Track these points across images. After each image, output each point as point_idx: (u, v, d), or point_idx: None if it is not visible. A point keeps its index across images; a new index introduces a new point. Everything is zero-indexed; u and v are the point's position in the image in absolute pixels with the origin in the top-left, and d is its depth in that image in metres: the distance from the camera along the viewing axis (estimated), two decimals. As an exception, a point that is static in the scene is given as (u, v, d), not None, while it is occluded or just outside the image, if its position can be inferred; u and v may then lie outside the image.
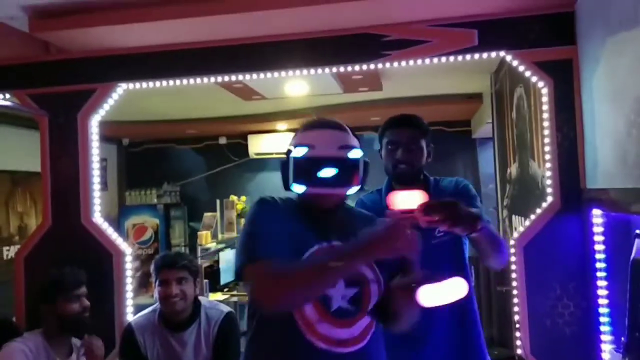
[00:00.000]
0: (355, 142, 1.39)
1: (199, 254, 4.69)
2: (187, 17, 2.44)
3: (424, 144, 1.86)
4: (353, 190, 1.36)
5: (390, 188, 1.93)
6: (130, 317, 2.75)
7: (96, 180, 2.83)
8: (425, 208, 1.19)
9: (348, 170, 1.32)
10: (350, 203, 1.56)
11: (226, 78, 2.74)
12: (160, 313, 2.27)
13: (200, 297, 2.32)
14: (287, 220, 1.34)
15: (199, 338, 2.22)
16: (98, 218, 2.81)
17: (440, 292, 1.16)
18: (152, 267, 2.30)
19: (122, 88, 2.80)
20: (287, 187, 1.36)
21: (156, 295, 2.25)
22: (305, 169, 1.31)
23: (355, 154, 1.33)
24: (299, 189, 1.34)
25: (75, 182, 2.78)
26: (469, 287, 1.73)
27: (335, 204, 1.38)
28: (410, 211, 1.18)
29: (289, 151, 1.36)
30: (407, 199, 1.18)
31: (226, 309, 2.35)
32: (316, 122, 1.39)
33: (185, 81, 2.75)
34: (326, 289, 1.27)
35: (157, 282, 2.25)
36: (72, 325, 2.24)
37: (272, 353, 1.32)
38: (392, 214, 1.18)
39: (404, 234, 1.14)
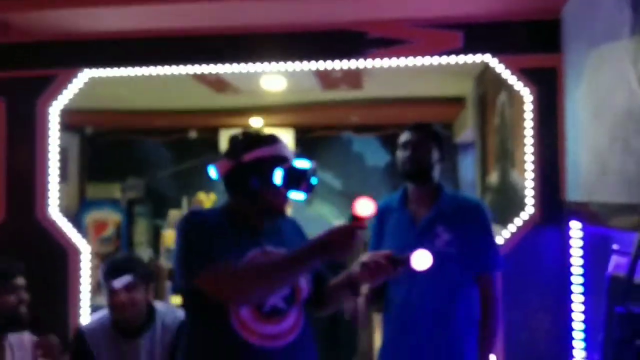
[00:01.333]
0: None
1: (162, 254, 4.52)
2: (160, 3, 2.30)
3: (433, 147, 1.97)
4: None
5: (405, 192, 2.04)
6: (85, 318, 2.59)
7: (54, 172, 2.65)
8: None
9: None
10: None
11: (198, 69, 2.60)
12: (112, 320, 2.13)
13: (155, 302, 2.19)
14: (220, 228, 1.45)
15: (154, 344, 2.09)
16: (54, 213, 2.63)
17: (423, 259, 1.42)
18: (99, 274, 2.14)
19: (85, 75, 2.62)
20: (261, 187, 1.46)
21: (106, 302, 2.10)
22: (300, 178, 1.47)
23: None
24: (297, 195, 1.49)
25: (31, 174, 2.59)
26: (471, 306, 1.86)
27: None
28: (363, 218, 1.35)
29: (275, 160, 1.47)
30: (366, 207, 1.35)
31: (182, 314, 2.23)
32: (273, 136, 1.54)
33: (154, 70, 2.60)
34: (289, 283, 1.44)
35: (105, 290, 2.09)
36: (6, 319, 2.05)
37: (209, 352, 1.43)
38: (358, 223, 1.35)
39: (355, 239, 1.32)
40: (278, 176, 1.46)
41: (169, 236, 4.73)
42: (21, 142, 2.60)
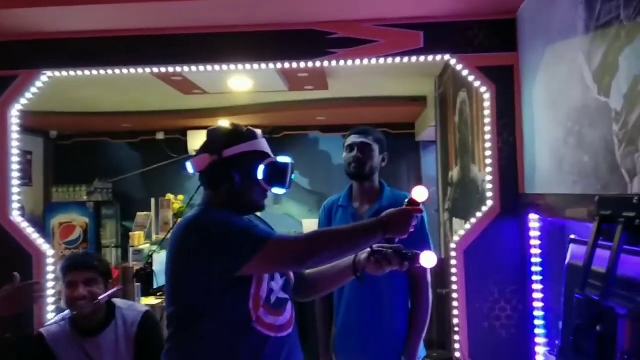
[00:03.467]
0: None
1: (130, 255, 4.46)
2: (123, 2, 2.28)
3: (376, 149, 2.17)
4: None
5: (350, 190, 2.24)
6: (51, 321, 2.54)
7: (15, 175, 2.59)
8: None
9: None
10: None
11: (162, 69, 2.59)
12: (71, 319, 2.09)
13: (114, 299, 2.17)
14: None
15: (117, 341, 2.07)
16: (17, 216, 2.58)
17: (431, 259, 1.51)
18: (58, 269, 2.14)
19: (46, 76, 2.58)
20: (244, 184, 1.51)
21: (63, 299, 2.08)
22: (282, 173, 1.54)
23: None
24: (278, 191, 1.56)
25: (-8, 177, 2.53)
26: (404, 292, 2.15)
27: None
28: (419, 203, 1.49)
29: (256, 155, 1.52)
30: (422, 193, 1.50)
31: (143, 308, 2.23)
32: (252, 131, 1.59)
33: (117, 71, 2.57)
34: (349, 254, 1.52)
35: (64, 285, 2.08)
36: None
37: (231, 349, 1.45)
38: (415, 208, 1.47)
39: (412, 221, 1.44)
40: (261, 171, 1.50)
41: (138, 238, 4.66)
42: (-20, 144, 2.54)
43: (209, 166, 1.49)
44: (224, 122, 5.70)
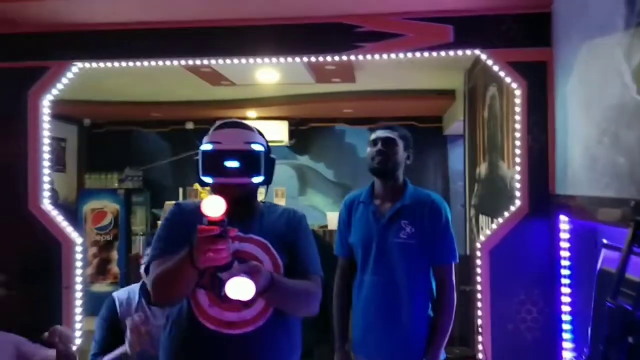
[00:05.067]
0: (260, 139, 1.54)
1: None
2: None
3: (401, 145, 2.09)
4: (257, 180, 1.48)
5: (372, 187, 2.15)
6: (79, 310, 2.61)
7: (47, 164, 2.65)
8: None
9: (251, 162, 1.45)
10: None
11: (190, 62, 2.60)
12: (142, 287, 2.12)
13: None
14: (192, 218, 1.36)
15: None
16: (47, 204, 2.64)
17: (237, 289, 1.24)
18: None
19: (77, 67, 2.62)
20: (198, 180, 1.48)
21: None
22: (213, 162, 1.43)
23: (258, 147, 1.48)
24: (207, 180, 1.47)
25: (24, 166, 2.60)
26: (425, 293, 2.04)
27: (241, 195, 1.47)
28: (217, 220, 1.21)
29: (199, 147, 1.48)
30: (213, 206, 1.20)
31: None
32: (225, 122, 1.53)
33: (146, 63, 2.59)
34: (184, 287, 1.38)
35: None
36: None
37: (172, 336, 1.49)
38: (201, 227, 1.23)
39: (208, 249, 1.22)
40: (199, 162, 1.46)
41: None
42: (13, 133, 2.60)
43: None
44: (252, 113, 5.73)
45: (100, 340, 2.08)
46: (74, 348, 2.15)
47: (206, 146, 1.45)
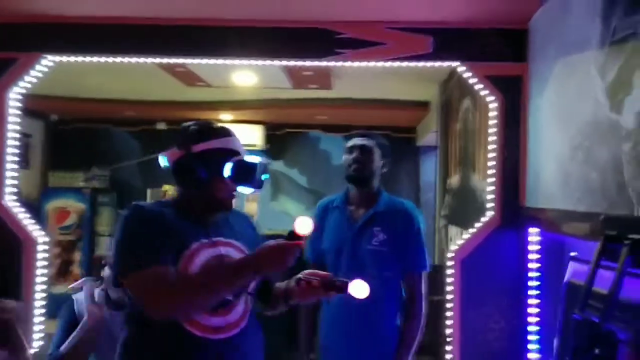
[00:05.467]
0: None
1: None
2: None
3: (377, 153, 2.10)
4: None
5: (347, 192, 2.16)
6: (38, 312, 2.51)
7: (11, 158, 2.55)
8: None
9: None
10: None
11: (165, 60, 2.56)
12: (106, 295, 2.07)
13: None
14: (166, 221, 1.43)
15: None
16: (10, 201, 2.54)
17: (361, 288, 1.43)
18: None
19: (47, 60, 2.54)
20: (202, 179, 1.46)
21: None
22: (251, 174, 1.48)
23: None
24: (244, 190, 1.51)
25: (-13, 160, 2.49)
26: (395, 301, 2.07)
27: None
28: (302, 236, 1.37)
29: (226, 153, 1.48)
30: (305, 225, 1.37)
31: None
32: (225, 128, 1.55)
33: (119, 59, 2.53)
34: (216, 301, 1.41)
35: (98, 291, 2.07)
36: None
37: (153, 345, 1.42)
38: (295, 243, 1.37)
39: (291, 258, 1.34)
40: (227, 169, 1.46)
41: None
42: (-23, 126, 2.50)
43: (177, 160, 1.48)
44: (226, 116, 5.68)
45: (58, 341, 2.01)
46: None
47: (254, 158, 1.51)
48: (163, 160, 1.51)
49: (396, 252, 2.01)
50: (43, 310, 2.53)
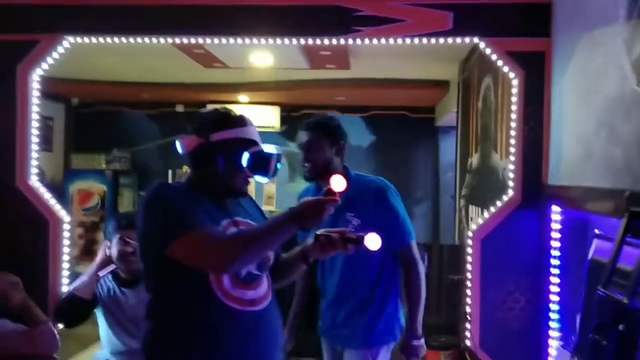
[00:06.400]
0: None
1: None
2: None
3: (326, 143, 2.01)
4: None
5: (317, 186, 2.09)
6: (65, 288, 2.57)
7: (35, 140, 2.60)
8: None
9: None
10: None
11: (184, 40, 2.55)
12: (113, 272, 2.27)
13: None
14: (191, 200, 1.49)
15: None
16: (35, 181, 2.59)
17: (375, 240, 1.49)
18: (112, 225, 2.28)
19: (68, 42, 2.56)
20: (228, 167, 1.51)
21: (111, 252, 2.23)
22: (267, 164, 1.54)
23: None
24: (260, 179, 1.56)
25: (11, 141, 2.54)
26: (387, 279, 2.06)
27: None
28: (336, 193, 1.44)
29: (243, 143, 1.52)
30: (339, 183, 1.44)
31: None
32: (243, 117, 1.57)
33: (139, 39, 2.54)
34: (268, 251, 1.53)
35: (116, 240, 2.22)
36: None
37: (193, 320, 1.47)
38: (330, 198, 1.43)
39: (326, 211, 1.41)
40: (245, 159, 1.51)
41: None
42: (1, 108, 2.54)
43: (196, 148, 1.51)
44: (244, 98, 5.68)
45: None
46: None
47: (270, 148, 1.55)
48: (179, 147, 1.54)
49: (368, 222, 1.92)
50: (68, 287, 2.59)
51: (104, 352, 2.35)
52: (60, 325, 2.32)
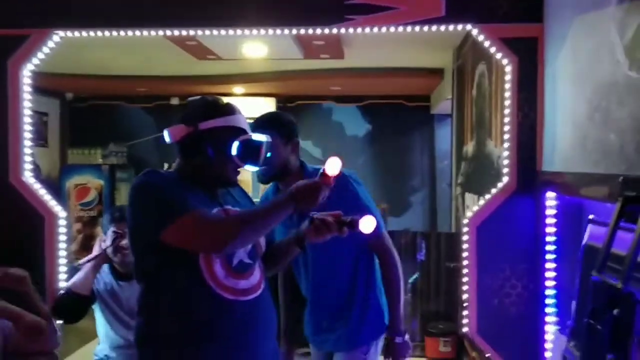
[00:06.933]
0: None
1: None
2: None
3: (280, 141, 1.86)
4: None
5: (276, 187, 2.02)
6: (63, 284, 2.58)
7: (28, 135, 2.58)
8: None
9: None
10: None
11: (176, 32, 2.53)
12: (111, 265, 2.32)
13: None
14: (183, 184, 1.49)
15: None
16: (29, 177, 2.58)
17: (370, 223, 1.50)
18: (106, 218, 2.30)
19: (58, 36, 2.54)
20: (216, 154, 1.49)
21: (105, 244, 2.25)
22: (256, 152, 1.53)
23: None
24: (250, 168, 1.56)
25: (4, 137, 2.52)
26: (364, 273, 1.96)
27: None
28: (330, 176, 1.45)
29: (232, 131, 1.50)
30: (334, 166, 1.45)
31: None
32: (231, 105, 1.56)
33: (130, 32, 2.52)
34: (263, 234, 1.52)
35: (110, 233, 2.25)
36: None
37: (185, 310, 1.46)
38: (323, 181, 1.44)
39: (320, 194, 1.43)
40: (234, 147, 1.49)
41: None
42: (-7, 104, 2.53)
43: (184, 137, 1.49)
44: (239, 90, 5.66)
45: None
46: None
47: (260, 136, 1.54)
48: (167, 136, 1.52)
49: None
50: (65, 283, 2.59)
51: (104, 347, 2.36)
52: (59, 322, 2.32)
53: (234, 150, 1.50)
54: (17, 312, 2.12)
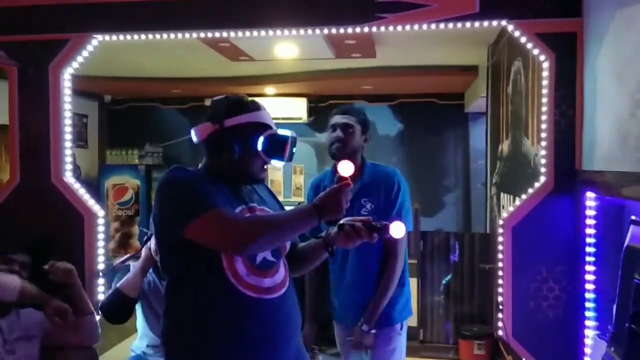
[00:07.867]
0: None
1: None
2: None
3: (358, 129, 2.19)
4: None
5: (334, 169, 2.22)
6: (101, 280, 2.65)
7: (69, 137, 2.67)
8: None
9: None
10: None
11: (209, 34, 2.57)
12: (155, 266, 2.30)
13: None
14: (209, 181, 1.49)
15: None
16: (69, 177, 2.67)
17: (400, 229, 1.51)
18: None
19: (97, 40, 2.62)
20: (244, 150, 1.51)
21: (151, 246, 2.23)
22: (283, 147, 1.53)
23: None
24: (276, 163, 1.55)
25: (46, 138, 2.62)
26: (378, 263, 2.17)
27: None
28: (346, 178, 1.48)
29: (257, 127, 1.52)
30: (347, 168, 1.50)
31: None
32: (255, 102, 1.58)
33: (164, 36, 2.57)
34: (288, 240, 1.55)
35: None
36: None
37: (207, 309, 1.46)
38: (344, 184, 1.46)
39: (345, 200, 1.44)
40: (260, 143, 1.50)
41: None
42: (34, 106, 2.61)
43: (210, 135, 1.51)
44: (270, 90, 5.70)
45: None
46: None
47: (285, 131, 1.55)
48: (194, 135, 1.53)
49: (382, 218, 2.00)
50: (104, 280, 2.67)
51: (141, 344, 2.40)
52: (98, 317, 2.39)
53: (259, 146, 1.50)
54: (43, 297, 2.22)
